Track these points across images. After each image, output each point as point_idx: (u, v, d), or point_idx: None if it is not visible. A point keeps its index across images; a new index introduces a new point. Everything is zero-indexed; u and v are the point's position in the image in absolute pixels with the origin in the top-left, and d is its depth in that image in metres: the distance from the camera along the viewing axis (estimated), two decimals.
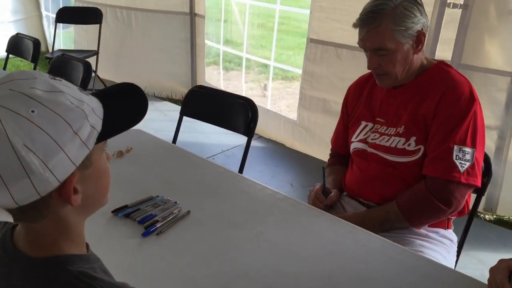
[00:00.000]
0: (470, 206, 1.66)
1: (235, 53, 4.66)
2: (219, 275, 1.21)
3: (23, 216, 0.66)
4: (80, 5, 5.22)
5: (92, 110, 0.67)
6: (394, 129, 1.60)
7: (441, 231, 1.60)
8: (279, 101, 5.32)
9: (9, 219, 0.68)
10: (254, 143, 3.91)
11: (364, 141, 1.67)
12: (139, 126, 2.28)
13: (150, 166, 1.77)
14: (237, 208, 1.49)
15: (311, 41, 3.49)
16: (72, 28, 5.66)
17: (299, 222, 1.44)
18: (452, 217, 1.64)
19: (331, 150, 1.93)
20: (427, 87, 1.56)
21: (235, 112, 2.08)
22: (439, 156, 1.49)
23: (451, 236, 1.62)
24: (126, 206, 1.46)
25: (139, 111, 0.74)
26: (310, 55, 3.52)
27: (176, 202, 1.49)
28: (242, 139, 3.64)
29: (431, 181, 1.51)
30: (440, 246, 1.57)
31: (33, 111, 0.60)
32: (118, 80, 5.17)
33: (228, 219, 1.44)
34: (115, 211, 1.43)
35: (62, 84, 0.66)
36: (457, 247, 1.66)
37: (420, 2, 1.52)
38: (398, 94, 1.62)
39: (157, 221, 1.39)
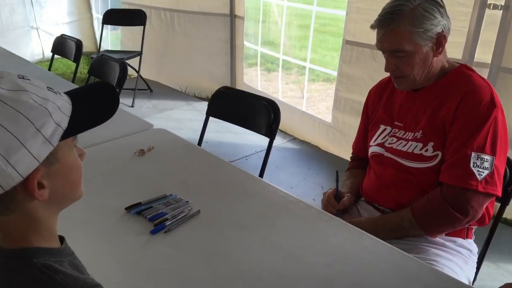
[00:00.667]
0: (493, 215, 1.59)
1: (272, 55, 4.66)
2: (220, 275, 1.22)
3: None
4: (126, 7, 5.39)
5: (58, 108, 0.69)
6: (412, 133, 1.56)
7: (459, 240, 1.54)
8: (318, 103, 5.28)
9: None
10: (288, 144, 3.93)
11: (381, 145, 1.64)
12: (166, 126, 2.31)
13: (169, 165, 1.81)
14: (247, 210, 1.50)
15: (346, 42, 3.45)
16: (120, 30, 5.87)
17: (307, 226, 1.43)
18: (473, 227, 1.58)
19: (352, 153, 1.91)
20: (447, 91, 1.51)
21: (257, 113, 2.09)
22: (456, 163, 1.44)
23: (470, 246, 1.56)
24: (139, 204, 1.50)
25: (108, 110, 0.76)
26: (345, 57, 3.48)
27: (187, 201, 1.51)
28: (275, 141, 3.67)
29: (447, 188, 1.46)
30: (457, 256, 1.51)
31: None
32: (161, 80, 5.31)
33: (237, 220, 1.45)
34: (128, 208, 1.48)
35: (29, 83, 0.69)
36: (478, 258, 1.60)
37: (442, 4, 1.47)
38: (417, 97, 1.58)
39: (167, 219, 1.42)
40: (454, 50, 2.73)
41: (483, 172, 1.41)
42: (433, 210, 1.47)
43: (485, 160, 1.41)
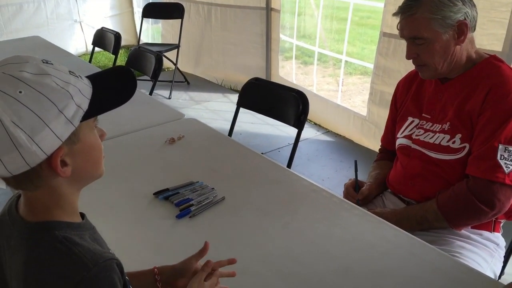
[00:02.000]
0: None
1: (308, 48, 4.65)
2: (242, 259, 1.24)
3: (18, 185, 0.76)
4: (165, 0, 5.49)
5: (79, 91, 0.74)
6: (440, 125, 1.55)
7: (486, 233, 1.52)
8: (354, 96, 5.23)
9: None
10: (321, 137, 3.93)
11: (409, 137, 1.63)
12: (202, 117, 2.38)
13: (197, 153, 1.85)
14: (270, 197, 1.53)
15: (384, 34, 3.41)
16: (160, 23, 5.99)
17: (328, 214, 1.45)
18: (501, 220, 1.55)
19: (381, 146, 1.91)
20: (475, 83, 1.49)
21: (286, 104, 2.11)
22: (483, 155, 1.42)
23: (497, 240, 1.53)
24: (167, 189, 1.55)
25: (126, 93, 0.81)
26: (382, 49, 3.44)
27: (213, 188, 1.55)
28: (308, 133, 3.67)
29: (473, 180, 1.44)
30: (482, 249, 1.49)
31: (20, 92, 0.68)
32: (197, 72, 5.39)
33: (259, 207, 1.48)
34: (156, 193, 1.53)
35: (52, 68, 0.73)
36: (506, 252, 1.57)
37: None
38: (445, 89, 1.56)
39: (192, 205, 1.47)
40: (494, 42, 2.66)
41: (511, 165, 1.39)
42: (458, 202, 1.46)
43: None
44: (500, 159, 1.39)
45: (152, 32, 6.55)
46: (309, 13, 4.64)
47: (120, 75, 0.85)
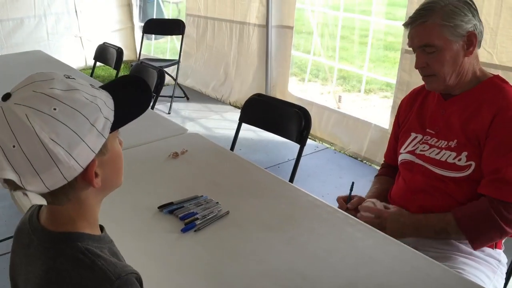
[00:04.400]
0: None
1: (327, 63, 4.72)
2: (246, 274, 1.26)
3: (53, 199, 0.77)
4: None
5: (104, 103, 0.76)
6: (446, 142, 1.56)
7: (488, 250, 1.53)
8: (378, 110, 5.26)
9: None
10: (321, 153, 3.94)
11: (412, 152, 1.65)
12: (201, 133, 2.37)
13: (201, 168, 1.87)
14: (275, 212, 1.54)
15: (405, 51, 3.47)
16: (164, 39, 6.06)
17: (332, 229, 1.46)
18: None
19: (384, 161, 1.92)
20: (479, 102, 1.51)
21: (289, 120, 2.13)
22: (504, 179, 1.43)
23: (498, 256, 1.54)
24: (171, 203, 1.56)
25: (145, 102, 0.84)
26: (405, 66, 3.49)
27: (217, 203, 1.56)
28: (309, 149, 3.66)
29: (497, 203, 1.43)
30: (484, 265, 1.50)
31: (55, 109, 0.70)
32: (197, 88, 5.43)
33: (264, 221, 1.49)
34: (161, 207, 1.54)
35: (76, 82, 0.76)
36: (508, 269, 1.58)
37: (474, 6, 1.49)
38: (448, 105, 1.58)
39: (197, 219, 1.47)
40: (509, 59, 2.73)
41: None
42: (482, 222, 1.45)
43: None
44: None
45: (155, 47, 6.63)
46: (325, 32, 4.71)
47: (132, 84, 0.87)
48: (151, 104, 0.84)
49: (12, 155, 0.69)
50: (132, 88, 0.86)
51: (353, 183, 1.70)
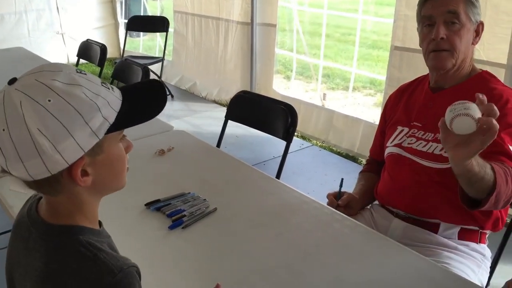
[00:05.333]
0: (507, 221, 1.59)
1: (311, 61, 4.73)
2: (235, 270, 1.26)
3: (39, 188, 0.77)
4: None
5: (108, 103, 0.75)
6: (433, 134, 1.57)
7: (472, 244, 1.55)
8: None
9: None
10: (306, 150, 3.95)
11: (399, 145, 1.66)
12: (186, 130, 2.35)
13: (188, 165, 1.86)
14: (262, 208, 1.54)
15: (395, 48, 3.50)
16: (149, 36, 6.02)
17: (320, 224, 1.46)
18: (486, 232, 1.58)
19: (369, 156, 1.93)
20: (468, 96, 1.50)
21: (275, 117, 2.13)
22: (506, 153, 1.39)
23: (483, 250, 1.56)
24: (158, 200, 1.55)
25: (156, 108, 0.82)
26: (394, 62, 3.52)
27: (205, 200, 1.56)
28: (294, 146, 3.67)
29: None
30: (469, 260, 1.52)
31: (49, 100, 0.69)
32: (182, 85, 5.40)
33: (252, 218, 1.49)
34: (148, 204, 1.53)
35: (85, 79, 0.74)
36: (492, 263, 1.61)
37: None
38: (436, 98, 1.60)
39: (184, 216, 1.47)
40: (500, 56, 2.80)
41: None
42: (509, 181, 1.32)
43: None
44: None
45: (137, 44, 6.58)
46: (296, 29, 4.72)
47: (151, 89, 0.85)
48: (161, 111, 0.84)
49: (1, 137, 0.69)
50: (148, 92, 0.85)
51: (342, 179, 1.71)
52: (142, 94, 0.85)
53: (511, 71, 2.73)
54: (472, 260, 1.53)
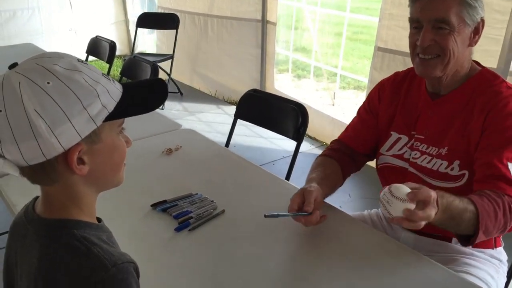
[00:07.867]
0: None
1: (304, 61, 4.68)
2: (242, 274, 1.22)
3: (33, 176, 0.74)
4: (161, 11, 5.48)
5: (107, 91, 0.74)
6: (436, 149, 1.44)
7: (488, 251, 1.49)
8: (348, 110, 5.24)
9: None
10: (316, 151, 3.90)
11: (401, 157, 1.52)
12: (195, 128, 2.31)
13: (195, 165, 1.82)
14: (272, 210, 1.49)
15: (378, 49, 3.42)
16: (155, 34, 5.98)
17: (329, 227, 1.41)
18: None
19: (336, 140, 1.71)
20: (470, 103, 1.39)
21: (286, 117, 2.09)
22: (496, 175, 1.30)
23: (499, 256, 1.50)
24: (165, 201, 1.51)
25: (154, 102, 0.82)
26: (376, 64, 3.45)
27: (213, 201, 1.52)
28: (304, 147, 3.64)
29: (509, 198, 1.28)
30: (487, 265, 1.46)
31: (48, 83, 0.69)
32: (191, 83, 5.38)
33: (260, 220, 1.43)
34: (154, 205, 1.49)
35: (86, 67, 0.73)
36: (510, 268, 1.55)
37: None
38: (436, 107, 1.46)
39: (191, 218, 1.43)
40: (489, 59, 2.68)
41: None
42: (498, 214, 1.25)
43: None
44: None
45: (148, 41, 6.56)
46: (305, 27, 4.67)
47: (151, 85, 0.85)
48: (160, 106, 0.83)
49: None
50: (149, 87, 0.85)
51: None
52: (143, 88, 0.86)
53: (501, 74, 2.56)
54: (490, 266, 1.47)
